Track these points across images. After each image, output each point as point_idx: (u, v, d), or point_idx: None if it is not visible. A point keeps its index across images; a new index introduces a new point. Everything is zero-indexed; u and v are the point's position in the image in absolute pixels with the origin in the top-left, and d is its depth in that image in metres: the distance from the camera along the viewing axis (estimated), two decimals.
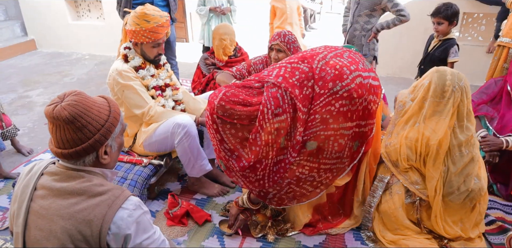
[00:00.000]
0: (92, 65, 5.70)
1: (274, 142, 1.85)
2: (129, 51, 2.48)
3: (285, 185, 2.01)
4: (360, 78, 1.91)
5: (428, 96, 2.06)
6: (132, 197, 1.27)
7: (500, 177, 2.62)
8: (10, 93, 4.63)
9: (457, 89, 2.00)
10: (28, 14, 6.31)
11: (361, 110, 1.95)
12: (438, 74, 2.03)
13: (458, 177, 2.04)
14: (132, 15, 2.37)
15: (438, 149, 2.02)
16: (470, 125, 2.07)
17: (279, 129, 1.85)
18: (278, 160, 1.94)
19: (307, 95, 1.88)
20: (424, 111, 2.08)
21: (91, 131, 1.24)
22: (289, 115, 1.85)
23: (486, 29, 4.69)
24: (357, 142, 2.04)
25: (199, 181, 2.65)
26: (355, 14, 3.61)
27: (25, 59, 5.99)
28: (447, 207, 2.10)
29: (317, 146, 1.91)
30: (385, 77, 5.00)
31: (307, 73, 1.89)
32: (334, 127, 1.90)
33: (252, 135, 1.85)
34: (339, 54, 1.99)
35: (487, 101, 2.76)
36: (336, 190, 2.24)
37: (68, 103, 1.22)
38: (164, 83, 2.58)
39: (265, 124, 1.82)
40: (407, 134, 2.11)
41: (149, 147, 2.54)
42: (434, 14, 3.10)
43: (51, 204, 1.21)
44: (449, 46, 3.12)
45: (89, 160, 1.28)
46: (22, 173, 1.33)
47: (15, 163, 3.13)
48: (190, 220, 2.42)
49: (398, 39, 4.84)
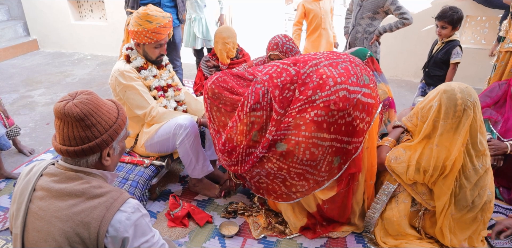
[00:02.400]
0: (94, 65, 5.70)
1: (247, 133, 1.98)
2: (131, 51, 2.48)
3: (255, 174, 2.08)
4: (344, 92, 1.90)
5: (440, 118, 1.94)
6: (131, 200, 1.26)
7: (503, 181, 2.61)
8: (12, 93, 4.62)
9: (469, 106, 1.89)
10: (30, 14, 6.32)
11: (343, 124, 1.92)
12: (447, 95, 1.91)
13: (472, 191, 1.98)
14: (134, 15, 2.37)
15: (452, 168, 1.94)
16: (483, 138, 1.98)
17: (254, 123, 1.97)
18: (250, 152, 2.02)
19: (287, 98, 1.94)
20: (438, 133, 1.97)
21: (100, 130, 1.25)
22: (265, 113, 1.96)
23: (489, 32, 4.69)
24: (339, 158, 2.00)
25: (200, 182, 2.64)
26: (358, 16, 3.61)
27: (27, 59, 5.99)
28: (459, 222, 2.04)
29: (286, 148, 1.94)
30: (387, 80, 4.98)
31: (292, 77, 1.95)
32: (305, 135, 1.90)
33: (231, 123, 2.02)
34: (334, 64, 1.98)
35: (491, 104, 2.74)
36: (325, 204, 2.19)
37: (80, 101, 1.23)
38: (166, 84, 2.57)
39: (242, 115, 1.98)
40: (419, 159, 2.00)
41: (150, 148, 2.53)
42: (440, 17, 3.08)
43: (49, 205, 1.20)
44: (451, 48, 3.12)
45: (92, 160, 1.28)
46: (22, 174, 1.32)
47: (16, 163, 3.13)
48: (191, 221, 2.41)
49: (401, 42, 4.84)
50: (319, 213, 2.26)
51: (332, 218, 2.28)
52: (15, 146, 3.24)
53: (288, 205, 2.25)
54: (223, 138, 2.08)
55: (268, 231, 2.31)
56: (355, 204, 2.24)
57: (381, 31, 3.55)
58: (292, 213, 2.27)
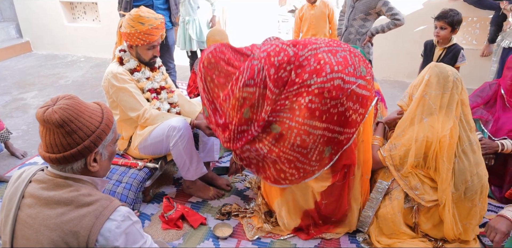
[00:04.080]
0: (87, 67, 5.69)
1: (239, 108, 1.96)
2: (124, 53, 2.48)
3: (245, 150, 2.06)
4: (339, 81, 1.89)
5: (430, 90, 2.07)
6: (121, 208, 1.24)
7: (495, 179, 2.63)
8: (5, 95, 4.60)
9: (458, 79, 2.07)
10: (23, 15, 6.29)
11: (335, 114, 1.92)
12: (438, 68, 2.09)
13: (471, 168, 2.04)
14: (127, 17, 2.36)
15: (450, 139, 2.01)
16: (470, 116, 2.11)
17: (245, 99, 1.94)
18: (242, 129, 2.00)
19: (282, 78, 1.91)
20: (427, 106, 2.08)
21: (81, 136, 1.21)
22: (258, 90, 1.93)
23: (480, 33, 4.73)
24: (330, 148, 2.01)
25: (194, 184, 2.64)
26: (350, 18, 3.63)
27: (20, 61, 5.96)
28: (459, 206, 2.08)
29: (280, 132, 1.94)
30: (380, 80, 5.02)
31: (290, 57, 1.92)
32: (298, 120, 1.90)
33: (223, 96, 2.01)
34: (333, 51, 1.97)
35: (482, 104, 2.77)
36: (323, 199, 2.20)
37: (60, 107, 1.20)
38: (159, 86, 2.57)
39: (236, 89, 1.94)
40: (417, 135, 2.08)
41: (144, 150, 2.53)
42: (440, 17, 3.07)
43: (38, 213, 1.18)
44: (457, 52, 3.14)
45: (77, 167, 1.25)
46: (11, 180, 1.30)
47: (9, 166, 3.11)
48: (185, 223, 2.41)
49: (394, 43, 4.87)
50: (316, 210, 2.25)
51: (329, 216, 2.27)
52: (7, 149, 3.22)
53: (284, 203, 2.25)
54: (219, 111, 2.07)
55: (261, 232, 2.31)
56: (353, 200, 2.24)
57: (374, 32, 3.58)
58: (287, 212, 2.27)
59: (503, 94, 2.65)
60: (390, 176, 2.19)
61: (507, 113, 2.62)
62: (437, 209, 2.12)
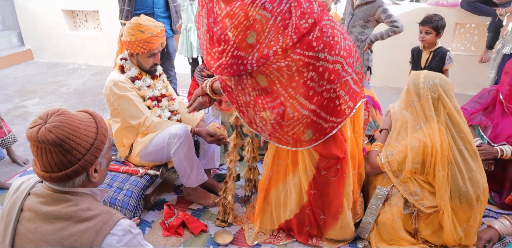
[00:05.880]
0: (88, 75, 5.72)
1: (244, 29, 1.72)
2: (125, 62, 2.50)
3: (225, 86, 1.96)
4: (339, 66, 1.84)
5: (410, 99, 2.14)
6: (122, 221, 1.22)
7: (494, 185, 2.63)
8: (6, 103, 4.63)
9: (432, 85, 2.07)
10: (25, 24, 6.34)
11: (326, 98, 1.87)
12: (413, 77, 2.15)
13: (461, 173, 2.04)
14: (127, 26, 2.40)
15: (441, 146, 2.03)
16: (462, 120, 2.10)
17: (256, 22, 1.71)
18: (238, 54, 1.77)
19: (302, 27, 1.73)
20: (415, 113, 2.13)
21: (81, 152, 1.18)
22: (274, 19, 1.72)
23: (478, 39, 4.76)
24: (311, 132, 1.95)
25: (195, 191, 2.65)
26: (350, 25, 3.66)
27: (21, 69, 6.00)
28: (455, 208, 2.09)
29: (264, 88, 1.86)
30: (379, 87, 5.04)
31: (313, 13, 1.75)
32: (290, 93, 1.84)
33: (229, 7, 1.74)
34: (344, 37, 1.90)
35: (480, 110, 2.79)
36: (312, 189, 2.13)
37: (53, 125, 1.15)
38: (160, 94, 2.60)
39: (251, 5, 1.69)
40: (411, 142, 2.09)
41: (145, 157, 2.55)
42: (424, 22, 3.16)
43: (37, 228, 1.17)
44: (443, 54, 3.20)
45: (79, 181, 1.23)
46: (10, 190, 1.28)
47: (10, 173, 3.13)
48: (186, 230, 2.41)
49: (392, 49, 4.90)
50: (309, 204, 2.19)
51: (318, 211, 2.19)
52: (9, 156, 3.24)
53: (276, 196, 2.23)
54: (220, 18, 1.77)
55: (260, 237, 2.32)
56: (345, 198, 2.17)
57: (373, 39, 3.61)
58: (270, 214, 2.27)
59: (501, 100, 2.66)
60: (389, 182, 2.20)
61: (506, 119, 2.63)
62: (436, 215, 2.13)
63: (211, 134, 2.52)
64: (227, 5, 1.75)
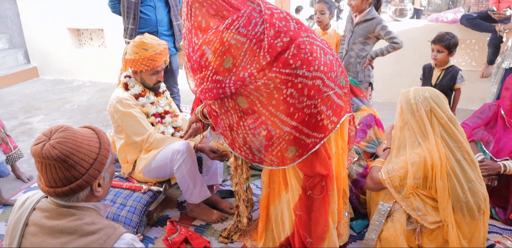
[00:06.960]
0: (93, 92, 5.78)
1: (221, 55, 1.77)
2: (129, 79, 2.54)
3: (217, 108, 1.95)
4: (320, 81, 1.84)
5: (405, 117, 2.17)
6: (125, 235, 1.24)
7: (498, 200, 2.63)
8: (12, 119, 4.67)
9: (423, 99, 2.11)
10: (31, 42, 6.45)
11: (307, 115, 1.86)
12: (403, 95, 2.20)
13: (460, 184, 2.04)
14: (131, 44, 2.45)
15: (439, 159, 2.04)
16: (457, 130, 2.10)
17: (232, 46, 1.76)
18: (217, 79, 1.81)
19: (277, 47, 1.76)
20: (412, 130, 2.15)
21: (84, 167, 1.21)
22: (249, 43, 1.76)
23: (479, 55, 4.80)
24: (294, 149, 1.93)
25: (198, 208, 2.65)
26: (350, 42, 3.71)
27: (27, 86, 6.08)
28: (458, 221, 2.08)
29: (245, 110, 1.86)
30: (381, 103, 5.07)
31: (289, 31, 1.79)
32: (270, 110, 1.84)
33: (208, 34, 1.79)
34: (325, 51, 1.90)
35: (482, 125, 2.80)
36: (298, 210, 2.08)
37: (57, 141, 1.18)
38: (164, 110, 2.63)
39: (225, 32, 1.75)
40: (411, 158, 2.10)
41: (148, 173, 2.56)
42: (436, 41, 3.14)
43: (42, 242, 1.19)
44: (455, 73, 3.19)
45: (83, 195, 1.26)
46: (15, 206, 1.31)
47: (14, 189, 3.14)
48: (189, 246, 2.40)
49: (394, 65, 4.94)
50: (297, 226, 2.13)
51: (305, 233, 2.12)
52: (13, 172, 3.25)
53: (275, 220, 2.21)
54: (197, 47, 1.83)
55: None
56: (330, 216, 2.12)
57: (373, 55, 3.64)
58: (272, 231, 2.25)
59: (503, 115, 2.68)
60: (391, 198, 2.19)
61: (508, 134, 2.64)
62: (440, 231, 2.11)
63: (214, 150, 2.53)
64: (204, 34, 1.82)
